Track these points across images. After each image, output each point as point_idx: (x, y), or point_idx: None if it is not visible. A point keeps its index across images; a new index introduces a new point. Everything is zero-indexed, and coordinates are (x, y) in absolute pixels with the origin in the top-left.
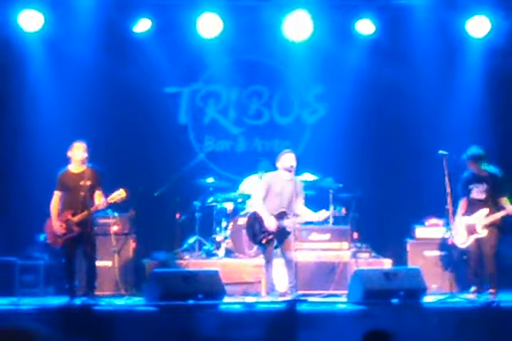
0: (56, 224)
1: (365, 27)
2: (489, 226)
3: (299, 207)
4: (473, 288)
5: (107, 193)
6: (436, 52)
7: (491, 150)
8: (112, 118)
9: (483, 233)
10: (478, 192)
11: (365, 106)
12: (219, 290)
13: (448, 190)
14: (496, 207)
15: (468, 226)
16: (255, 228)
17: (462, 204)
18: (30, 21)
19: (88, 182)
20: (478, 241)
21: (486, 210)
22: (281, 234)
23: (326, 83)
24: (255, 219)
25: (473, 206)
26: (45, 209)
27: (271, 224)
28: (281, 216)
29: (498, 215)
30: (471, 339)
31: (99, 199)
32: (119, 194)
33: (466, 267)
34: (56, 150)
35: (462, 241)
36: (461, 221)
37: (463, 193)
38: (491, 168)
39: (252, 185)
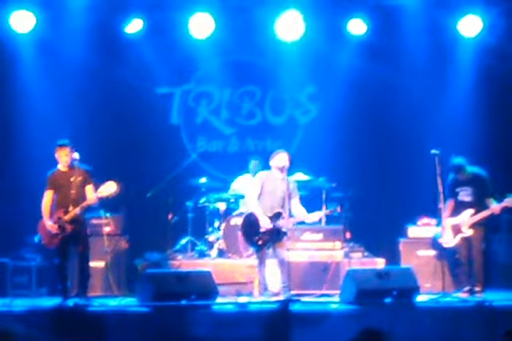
0: (48, 224)
1: (357, 27)
2: (475, 225)
3: (294, 206)
4: (466, 288)
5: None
6: (428, 52)
7: (483, 149)
8: (104, 119)
9: (468, 232)
10: (465, 195)
11: (357, 106)
12: (212, 291)
13: (440, 189)
14: (483, 207)
15: (454, 226)
16: (251, 229)
17: (448, 206)
18: (22, 22)
19: (79, 178)
20: (466, 240)
21: (471, 211)
22: (277, 235)
23: (318, 83)
24: (251, 220)
25: (460, 207)
26: (37, 210)
27: (266, 223)
28: (276, 216)
29: (483, 215)
30: (463, 338)
31: (90, 194)
32: (109, 186)
33: (459, 267)
34: (48, 151)
35: (448, 240)
36: (447, 221)
37: (449, 195)
38: (476, 170)
39: (244, 184)
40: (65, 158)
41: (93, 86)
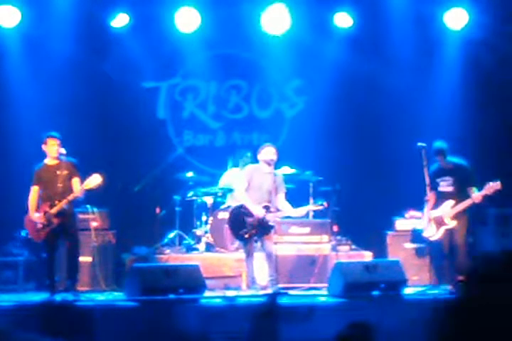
0: (35, 216)
1: (343, 20)
2: (458, 216)
3: (280, 201)
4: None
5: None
6: (414, 45)
7: (469, 142)
8: (91, 114)
9: (451, 224)
10: (445, 186)
11: (343, 100)
12: (200, 285)
13: (427, 181)
14: (465, 197)
15: (436, 219)
16: (238, 223)
17: (430, 198)
18: (7, 17)
19: (65, 172)
20: (449, 232)
21: (451, 201)
22: (264, 228)
23: (304, 76)
24: (237, 214)
25: (441, 199)
26: (23, 205)
27: (259, 212)
28: (264, 209)
29: (464, 205)
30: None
31: (76, 188)
32: (94, 179)
33: (442, 259)
34: (34, 146)
35: (432, 233)
36: (429, 214)
37: (431, 187)
38: (458, 160)
39: (232, 178)
40: (54, 148)
41: (79, 80)
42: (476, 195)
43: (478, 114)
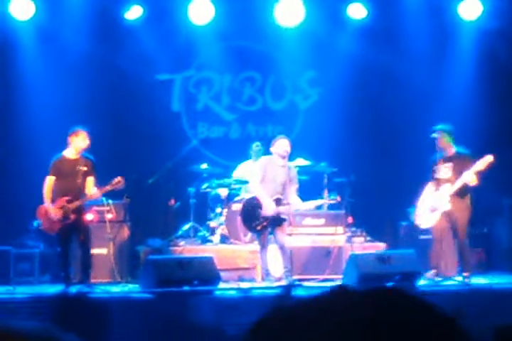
0: (52, 209)
1: (357, 11)
2: (453, 199)
3: (291, 195)
4: (432, 271)
5: (100, 181)
6: (428, 36)
7: (483, 134)
8: (105, 106)
9: (444, 207)
10: (444, 172)
11: (358, 91)
12: (214, 276)
13: None
14: None
15: (432, 206)
16: (250, 215)
17: (428, 186)
18: (22, 10)
19: (84, 168)
20: (445, 216)
21: (447, 186)
22: (276, 221)
23: (318, 68)
24: (250, 206)
25: (440, 185)
26: (39, 196)
27: (270, 208)
28: (276, 202)
29: (457, 185)
30: (465, 322)
31: (89, 186)
32: (117, 182)
33: (431, 247)
34: (48, 138)
35: (424, 221)
36: (423, 202)
37: (432, 175)
38: (459, 148)
39: (246, 170)
40: (85, 141)
41: (93, 73)
42: (467, 174)
43: (493, 106)
